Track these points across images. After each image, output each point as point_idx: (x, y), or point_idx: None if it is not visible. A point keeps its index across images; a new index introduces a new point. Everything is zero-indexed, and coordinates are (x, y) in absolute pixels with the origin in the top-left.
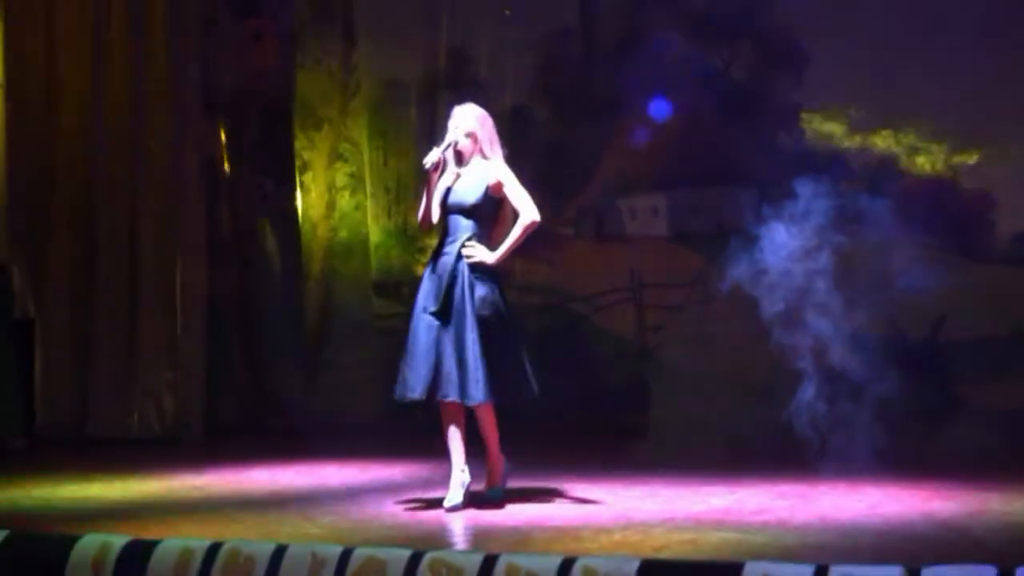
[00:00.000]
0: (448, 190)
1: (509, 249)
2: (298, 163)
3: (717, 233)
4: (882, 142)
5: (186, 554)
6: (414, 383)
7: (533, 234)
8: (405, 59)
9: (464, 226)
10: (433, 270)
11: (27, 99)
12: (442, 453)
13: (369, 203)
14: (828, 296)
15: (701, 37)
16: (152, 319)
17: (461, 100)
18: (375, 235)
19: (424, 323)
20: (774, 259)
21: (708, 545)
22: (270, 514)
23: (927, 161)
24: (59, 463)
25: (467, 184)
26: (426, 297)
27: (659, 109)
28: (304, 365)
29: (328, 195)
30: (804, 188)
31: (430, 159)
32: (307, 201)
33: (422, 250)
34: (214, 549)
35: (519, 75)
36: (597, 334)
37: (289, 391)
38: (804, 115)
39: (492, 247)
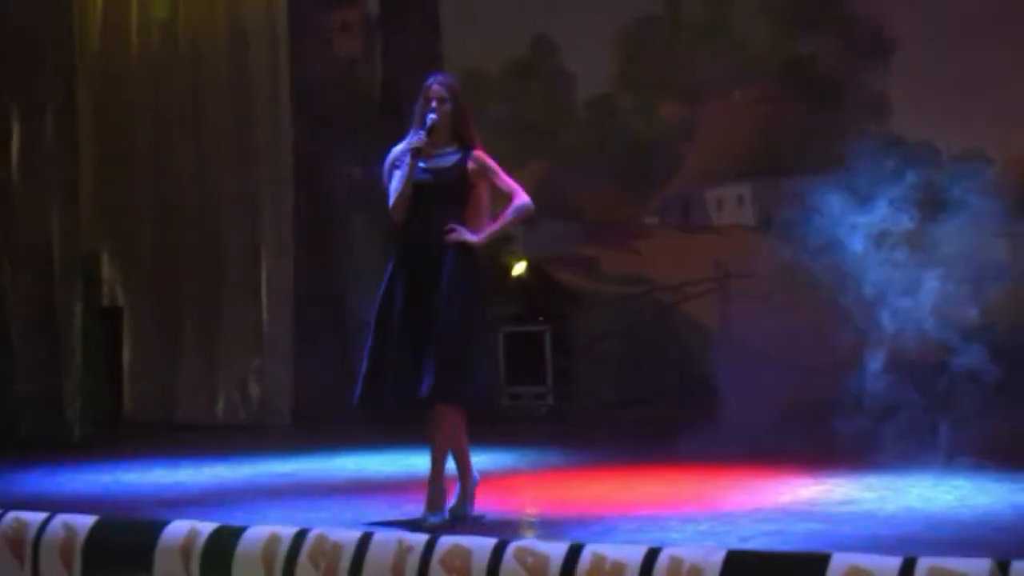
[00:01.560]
0: (422, 169)
1: (497, 231)
2: (383, 153)
3: (803, 222)
4: (971, 129)
5: (273, 540)
6: (385, 386)
7: (614, 227)
8: (490, 48)
9: (440, 208)
10: (405, 257)
11: (115, 88)
12: (527, 440)
13: None
14: (915, 284)
15: (787, 24)
16: (239, 306)
17: (548, 89)
18: None
19: (397, 316)
20: (861, 247)
21: (795, 536)
22: (357, 501)
23: (1018, 148)
24: (147, 449)
25: (445, 163)
26: (398, 287)
27: None
28: None
29: None
30: (891, 176)
31: (413, 143)
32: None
33: (509, 239)
34: (301, 535)
35: (604, 64)
36: (683, 323)
37: None
38: (891, 102)
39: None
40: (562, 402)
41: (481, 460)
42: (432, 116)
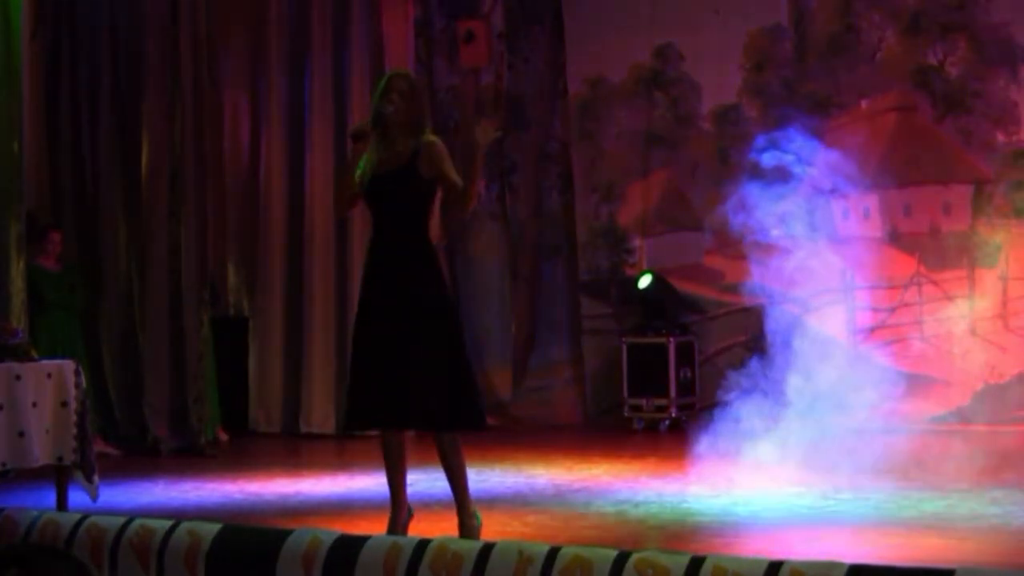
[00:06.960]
0: (380, 171)
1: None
2: (506, 163)
3: (931, 233)
4: None
5: (395, 550)
6: (369, 408)
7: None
8: (613, 58)
9: (400, 211)
10: (375, 270)
11: (238, 101)
12: (649, 451)
13: (577, 203)
14: None
15: (915, 33)
16: None
17: (673, 99)
18: (583, 235)
19: (373, 334)
20: (988, 257)
21: (919, 550)
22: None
23: None
24: (271, 458)
25: (399, 162)
26: (372, 301)
27: None
28: (512, 365)
29: (536, 195)
30: (1019, 186)
31: (355, 128)
32: (515, 201)
33: (630, 251)
34: (422, 546)
35: (729, 73)
36: (808, 335)
37: (497, 391)
38: (1020, 111)
39: (428, 237)
40: (685, 413)
41: (600, 471)
42: (389, 110)
